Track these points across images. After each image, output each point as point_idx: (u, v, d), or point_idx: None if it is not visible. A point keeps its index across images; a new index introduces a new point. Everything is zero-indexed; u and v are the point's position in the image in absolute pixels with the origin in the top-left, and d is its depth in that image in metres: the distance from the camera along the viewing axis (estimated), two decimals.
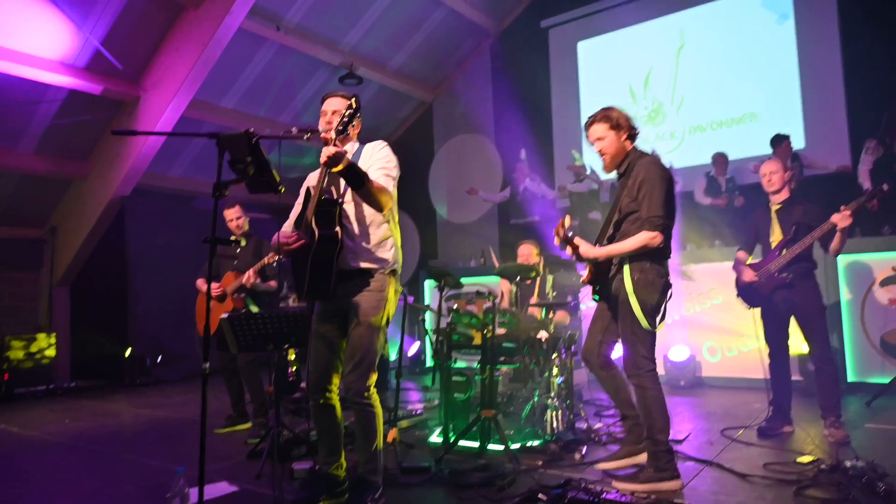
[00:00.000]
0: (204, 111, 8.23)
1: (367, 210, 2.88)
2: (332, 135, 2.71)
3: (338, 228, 2.79)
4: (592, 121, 3.30)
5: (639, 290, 3.10)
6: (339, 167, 2.62)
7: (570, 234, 3.24)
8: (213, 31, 6.75)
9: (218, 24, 6.70)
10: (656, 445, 3.07)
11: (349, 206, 2.89)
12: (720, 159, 7.37)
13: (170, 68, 7.22)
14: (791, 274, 4.01)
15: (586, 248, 3.20)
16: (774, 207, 4.18)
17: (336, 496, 2.95)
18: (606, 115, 3.25)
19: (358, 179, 2.68)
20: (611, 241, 3.26)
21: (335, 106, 2.94)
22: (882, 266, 5.60)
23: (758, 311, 4.27)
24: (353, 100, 2.67)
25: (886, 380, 5.22)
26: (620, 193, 3.24)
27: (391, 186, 2.85)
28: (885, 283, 5.60)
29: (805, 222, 3.98)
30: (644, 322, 3.09)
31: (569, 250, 3.26)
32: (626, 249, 3.12)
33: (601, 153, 3.29)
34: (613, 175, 3.42)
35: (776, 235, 4.13)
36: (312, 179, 3.06)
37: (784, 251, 4.02)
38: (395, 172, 2.91)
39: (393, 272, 2.95)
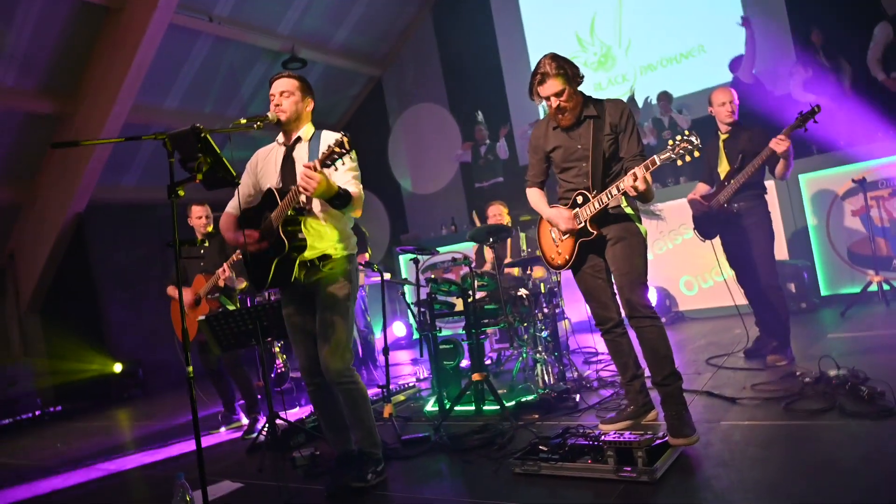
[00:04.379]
0: (148, 115, 7.98)
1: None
2: (318, 165, 2.53)
3: (303, 234, 2.79)
4: (544, 75, 2.87)
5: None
6: (327, 195, 2.63)
7: (587, 215, 2.94)
8: (142, 31, 6.52)
9: (146, 23, 6.48)
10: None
11: (315, 202, 2.86)
12: (662, 97, 7.43)
13: (105, 75, 6.97)
14: (740, 203, 4.01)
15: (637, 180, 2.72)
16: (722, 137, 4.13)
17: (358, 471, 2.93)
18: (560, 67, 2.86)
19: (344, 202, 2.72)
20: (610, 182, 2.93)
21: (283, 87, 2.89)
22: (842, 180, 5.72)
23: (717, 241, 4.26)
24: (345, 139, 2.46)
25: (857, 289, 5.38)
26: (597, 137, 2.92)
27: (361, 188, 2.86)
28: (847, 195, 5.74)
29: (750, 150, 3.93)
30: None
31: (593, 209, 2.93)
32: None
33: (562, 108, 2.91)
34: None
35: (724, 166, 4.10)
36: (268, 168, 3.03)
37: (732, 181, 3.99)
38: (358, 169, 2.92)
39: (351, 256, 2.98)
